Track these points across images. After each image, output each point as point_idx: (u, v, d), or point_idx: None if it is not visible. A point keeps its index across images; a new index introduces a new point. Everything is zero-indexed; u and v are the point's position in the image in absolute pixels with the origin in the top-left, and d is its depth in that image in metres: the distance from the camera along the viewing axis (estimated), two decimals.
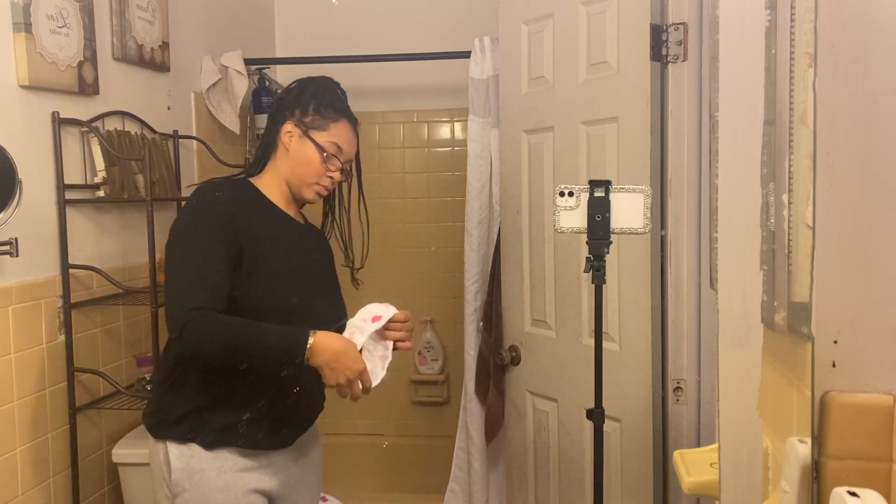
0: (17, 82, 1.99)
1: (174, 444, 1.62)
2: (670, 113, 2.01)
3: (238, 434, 1.63)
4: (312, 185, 1.72)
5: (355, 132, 1.78)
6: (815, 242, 0.79)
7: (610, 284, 2.05)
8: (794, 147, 0.85)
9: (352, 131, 1.76)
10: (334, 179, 1.73)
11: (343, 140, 1.74)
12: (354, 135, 1.77)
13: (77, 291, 2.18)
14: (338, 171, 1.73)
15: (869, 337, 0.79)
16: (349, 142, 1.75)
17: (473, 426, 2.81)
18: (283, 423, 1.69)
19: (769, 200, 0.91)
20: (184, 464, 1.62)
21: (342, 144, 1.73)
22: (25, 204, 1.88)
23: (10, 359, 1.95)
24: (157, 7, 2.60)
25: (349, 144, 1.75)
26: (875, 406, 0.78)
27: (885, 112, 0.78)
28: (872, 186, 0.78)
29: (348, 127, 1.76)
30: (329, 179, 1.73)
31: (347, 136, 1.75)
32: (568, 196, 1.73)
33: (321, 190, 1.74)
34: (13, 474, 1.96)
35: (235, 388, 1.62)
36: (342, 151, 1.73)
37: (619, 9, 2.05)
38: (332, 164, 1.72)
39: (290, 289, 1.67)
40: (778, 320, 0.89)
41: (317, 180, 1.72)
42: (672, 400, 2.06)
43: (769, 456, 0.98)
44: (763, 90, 0.91)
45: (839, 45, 0.78)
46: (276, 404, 1.66)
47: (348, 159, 1.76)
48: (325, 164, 1.71)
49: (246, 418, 1.63)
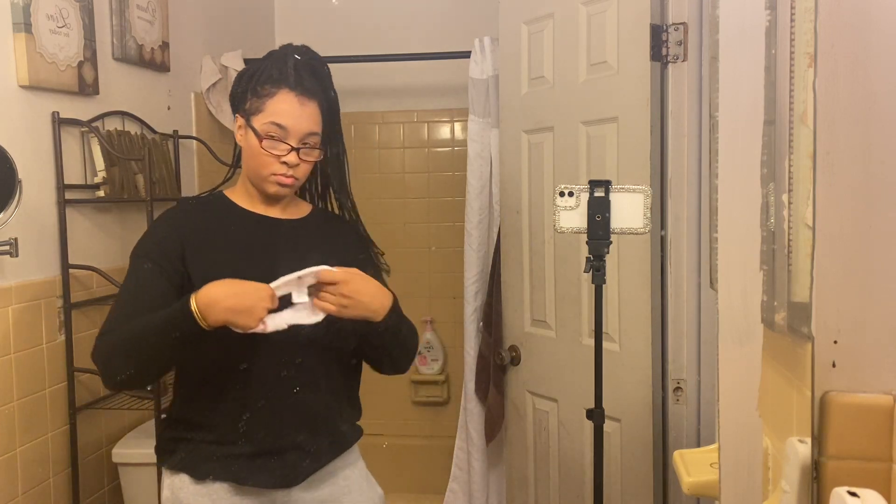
0: (17, 82, 1.99)
1: (167, 473, 1.53)
2: (670, 113, 2.01)
3: (230, 467, 1.48)
4: (268, 178, 1.50)
5: (306, 99, 1.50)
6: (815, 242, 0.79)
7: (610, 284, 2.05)
8: (794, 147, 0.85)
9: (295, 101, 1.48)
10: (290, 163, 1.48)
11: (283, 115, 1.47)
12: (302, 104, 1.49)
13: (77, 291, 2.18)
14: (289, 153, 1.48)
15: (869, 337, 0.79)
16: (291, 114, 1.48)
17: (473, 426, 2.81)
18: (279, 456, 1.50)
19: (769, 200, 0.91)
20: (173, 495, 1.51)
21: (282, 120, 1.47)
22: (25, 204, 1.88)
23: (10, 359, 1.95)
24: (157, 7, 2.60)
25: (292, 118, 1.48)
26: (875, 406, 0.78)
27: (885, 112, 0.78)
28: (872, 186, 0.78)
29: (289, 97, 1.48)
30: (284, 166, 1.48)
31: (287, 109, 1.48)
32: (568, 196, 1.73)
33: (280, 179, 1.49)
34: (13, 474, 1.96)
35: (230, 414, 1.48)
36: (285, 129, 1.47)
37: (619, 9, 2.05)
38: (276, 149, 1.47)
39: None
40: (778, 320, 0.89)
41: (269, 171, 1.49)
42: (672, 400, 2.06)
43: (769, 456, 0.98)
44: (763, 90, 0.91)
45: (839, 45, 0.77)
46: (271, 434, 1.49)
47: (302, 134, 1.49)
48: (269, 151, 1.47)
49: (240, 450, 1.48)
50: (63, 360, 2.14)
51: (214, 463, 1.49)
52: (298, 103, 1.49)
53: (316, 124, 1.52)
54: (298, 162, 1.50)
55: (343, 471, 1.61)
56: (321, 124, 1.53)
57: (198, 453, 1.50)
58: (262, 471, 1.49)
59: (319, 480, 1.57)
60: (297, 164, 1.50)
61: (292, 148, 1.49)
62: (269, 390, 1.49)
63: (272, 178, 1.50)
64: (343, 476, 1.61)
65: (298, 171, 1.51)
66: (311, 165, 1.55)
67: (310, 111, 1.50)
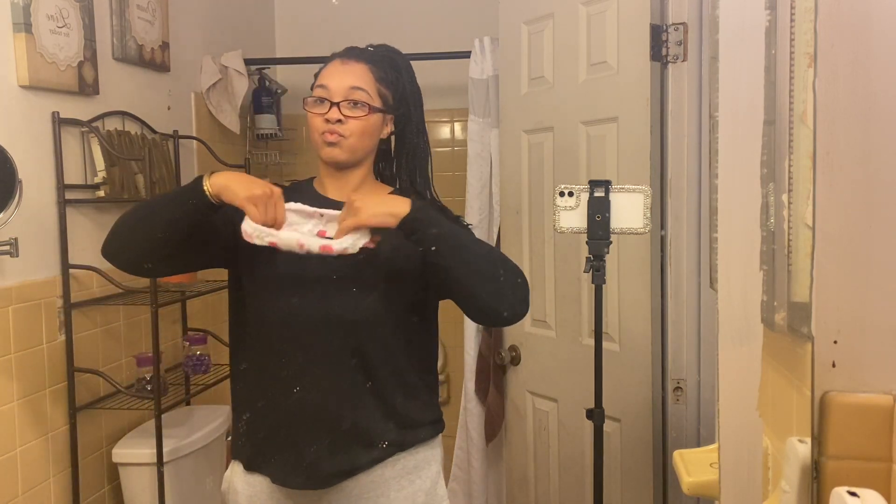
0: (17, 82, 1.99)
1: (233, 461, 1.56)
2: (670, 113, 2.01)
3: (264, 460, 1.48)
4: (318, 142, 1.48)
5: (351, 61, 1.50)
6: (814, 242, 0.79)
7: (610, 284, 2.05)
8: (794, 147, 0.85)
9: (339, 65, 1.50)
10: (331, 119, 1.45)
11: (325, 77, 1.49)
12: (344, 63, 1.50)
13: (77, 291, 2.18)
14: (330, 108, 1.46)
15: (869, 337, 0.79)
16: (332, 74, 1.48)
17: (473, 426, 2.81)
18: (300, 453, 1.45)
19: (769, 200, 0.91)
20: (228, 479, 1.56)
21: (324, 81, 1.48)
22: (25, 204, 1.88)
23: (10, 359, 1.94)
24: (157, 7, 2.60)
25: (332, 77, 1.48)
26: (875, 406, 0.78)
27: (885, 112, 0.78)
28: (872, 186, 0.78)
29: (336, 63, 1.50)
30: (327, 123, 1.46)
31: (331, 72, 1.49)
32: (568, 196, 1.73)
33: (326, 137, 1.46)
34: (13, 474, 1.96)
35: (261, 404, 1.48)
36: (327, 88, 1.47)
37: (619, 9, 2.05)
38: (318, 109, 1.47)
39: (284, 291, 1.47)
40: (778, 320, 0.89)
41: (317, 132, 1.48)
42: (672, 400, 2.06)
43: (769, 456, 0.98)
44: (763, 90, 0.91)
45: (839, 45, 0.77)
46: (292, 428, 1.46)
47: (344, 89, 1.46)
48: (313, 111, 1.47)
49: (265, 441, 1.48)
50: (63, 360, 2.14)
51: (258, 457, 1.50)
52: (341, 63, 1.49)
53: (359, 79, 1.47)
54: (340, 117, 1.45)
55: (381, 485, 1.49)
56: (373, 83, 1.49)
57: (247, 444, 1.51)
58: (287, 470, 1.46)
59: (356, 489, 1.48)
60: (338, 118, 1.45)
61: (332, 104, 1.45)
62: (281, 392, 1.47)
63: (320, 140, 1.47)
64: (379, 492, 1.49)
65: (344, 129, 1.46)
66: (362, 123, 1.47)
67: (352, 68, 1.48)
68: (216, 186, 1.35)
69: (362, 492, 1.48)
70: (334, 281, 1.45)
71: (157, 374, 2.18)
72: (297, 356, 1.46)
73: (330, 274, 1.45)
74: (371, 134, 1.50)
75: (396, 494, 1.49)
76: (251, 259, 1.47)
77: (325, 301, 1.45)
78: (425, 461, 1.54)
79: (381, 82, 1.50)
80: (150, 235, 1.40)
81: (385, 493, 1.48)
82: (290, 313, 1.46)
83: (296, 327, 1.45)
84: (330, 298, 1.45)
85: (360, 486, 1.48)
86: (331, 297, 1.45)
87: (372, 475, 1.48)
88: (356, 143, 1.48)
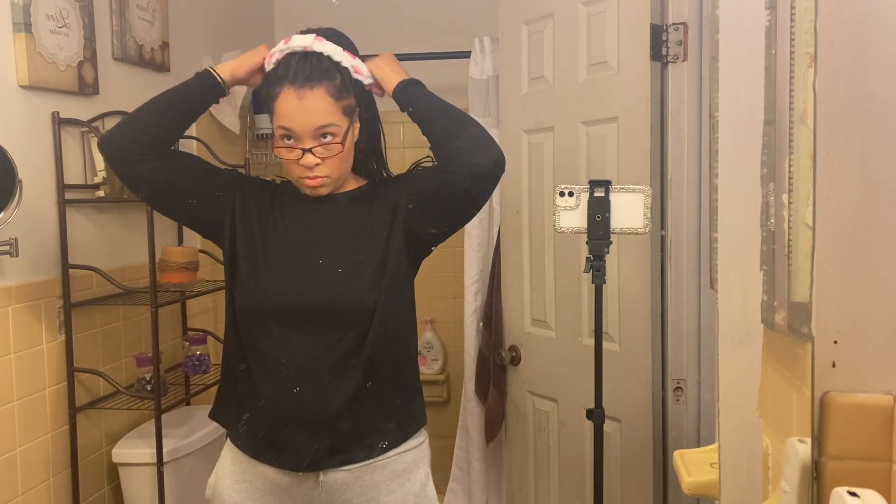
0: (17, 82, 1.99)
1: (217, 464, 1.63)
2: (670, 113, 2.01)
3: (238, 433, 1.52)
4: (298, 182, 1.47)
5: (307, 90, 1.39)
6: (815, 242, 0.79)
7: (610, 284, 2.05)
8: (794, 147, 0.85)
9: (296, 101, 1.39)
10: (308, 165, 1.41)
11: (286, 118, 1.40)
12: (301, 97, 1.39)
13: (77, 291, 2.18)
14: (303, 156, 1.41)
15: (869, 337, 0.79)
16: (293, 116, 1.39)
17: (473, 426, 2.81)
18: (279, 432, 1.46)
19: (769, 200, 0.91)
20: (212, 486, 1.62)
21: (287, 124, 1.40)
22: (25, 204, 1.88)
23: (10, 359, 1.94)
24: (157, 7, 2.60)
25: (295, 120, 1.39)
26: (875, 406, 0.78)
27: (885, 112, 0.78)
28: (872, 186, 0.78)
29: (291, 98, 1.39)
30: (301, 168, 1.42)
31: (288, 109, 1.39)
32: (568, 196, 1.73)
33: (307, 182, 1.44)
34: (13, 474, 1.96)
35: (243, 379, 1.50)
36: (293, 131, 1.40)
37: (619, 9, 2.05)
38: (291, 153, 1.42)
39: (286, 278, 1.47)
40: (778, 320, 0.89)
41: (295, 175, 1.46)
42: (672, 400, 2.06)
43: (769, 456, 0.98)
44: (763, 90, 0.91)
45: (839, 45, 0.77)
46: (274, 405, 1.46)
47: (312, 131, 1.40)
48: (286, 156, 1.43)
49: (245, 417, 1.50)
50: (63, 360, 2.14)
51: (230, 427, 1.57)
52: (297, 98, 1.39)
53: (323, 114, 1.40)
54: (317, 161, 1.42)
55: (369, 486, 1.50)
56: (334, 107, 1.41)
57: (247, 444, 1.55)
58: (277, 451, 1.48)
59: (346, 493, 1.48)
60: (315, 163, 1.42)
61: (304, 151, 1.41)
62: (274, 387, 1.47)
63: (300, 182, 1.47)
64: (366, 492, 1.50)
65: (323, 169, 1.43)
66: (341, 158, 1.44)
67: (311, 101, 1.39)
68: (226, 70, 1.52)
69: (352, 496, 1.48)
70: (330, 274, 1.47)
71: (156, 374, 2.18)
72: (296, 355, 1.46)
73: (324, 264, 1.47)
74: (349, 153, 1.49)
75: (386, 499, 1.48)
76: (246, 248, 1.51)
77: (322, 294, 1.47)
78: (414, 464, 1.53)
79: (340, 98, 1.44)
80: (154, 109, 1.50)
81: (375, 498, 1.48)
82: (287, 305, 1.46)
83: (293, 323, 1.46)
84: (325, 291, 1.47)
85: (350, 491, 1.48)
86: (326, 288, 1.47)
87: (363, 478, 1.48)
88: (339, 173, 1.48)
